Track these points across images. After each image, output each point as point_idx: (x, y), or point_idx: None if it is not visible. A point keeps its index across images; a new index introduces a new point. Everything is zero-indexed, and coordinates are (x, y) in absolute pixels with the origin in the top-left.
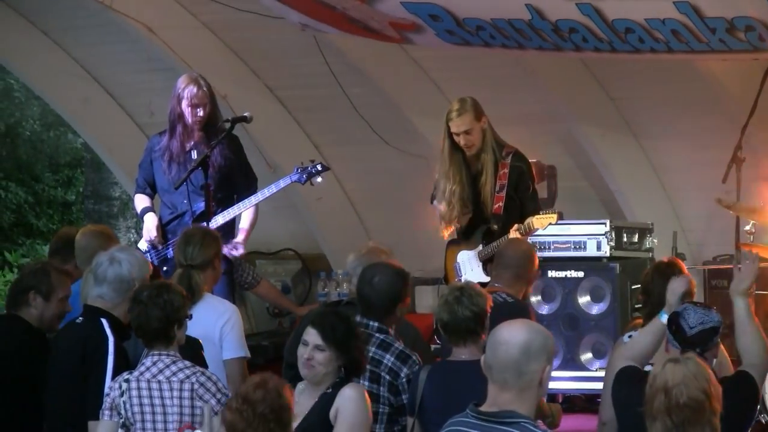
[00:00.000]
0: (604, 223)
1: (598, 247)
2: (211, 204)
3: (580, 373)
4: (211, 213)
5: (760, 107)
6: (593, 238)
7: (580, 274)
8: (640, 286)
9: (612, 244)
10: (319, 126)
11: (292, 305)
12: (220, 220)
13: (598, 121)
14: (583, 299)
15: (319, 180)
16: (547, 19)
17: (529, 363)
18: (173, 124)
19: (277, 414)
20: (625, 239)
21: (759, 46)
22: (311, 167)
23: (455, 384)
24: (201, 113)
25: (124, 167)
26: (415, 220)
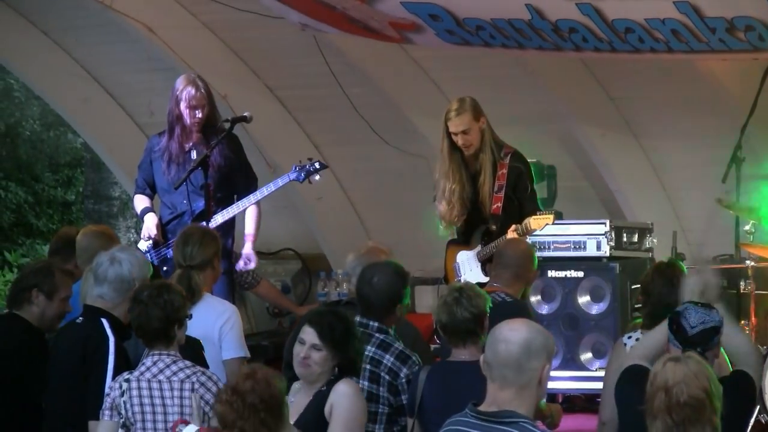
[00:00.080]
0: (603, 223)
1: (598, 247)
2: (210, 204)
3: (579, 373)
4: (210, 213)
5: (760, 107)
6: (593, 237)
7: (580, 274)
8: (639, 286)
9: (612, 243)
10: (319, 126)
11: (292, 305)
12: (219, 219)
13: (598, 121)
14: (583, 299)
15: (317, 178)
16: (547, 18)
17: (529, 360)
18: (172, 126)
19: (268, 404)
20: (624, 239)
21: (759, 45)
22: (309, 165)
23: (455, 384)
24: (199, 115)
25: (124, 167)
26: (415, 220)
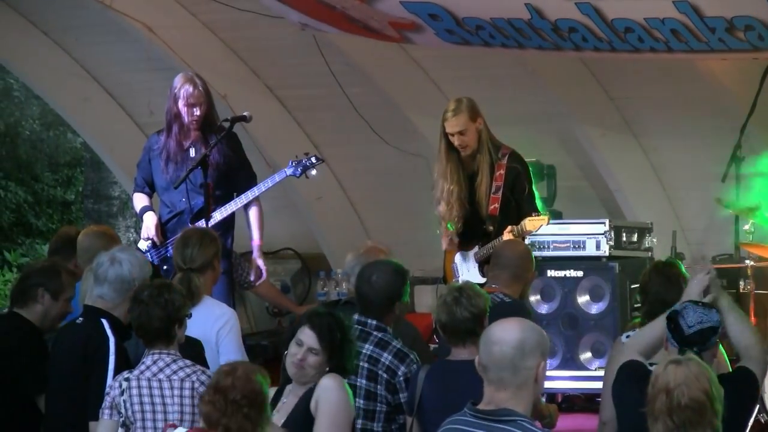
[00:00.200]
0: (603, 223)
1: (598, 247)
2: (210, 202)
3: (579, 373)
4: (210, 211)
5: (760, 106)
6: (592, 237)
7: (580, 274)
8: (638, 285)
9: (611, 243)
10: (319, 125)
11: (291, 305)
12: (217, 216)
13: (597, 120)
14: (583, 299)
15: (314, 173)
16: (546, 18)
17: (524, 360)
18: (170, 124)
19: (250, 399)
20: (624, 239)
21: (758, 45)
22: (306, 160)
23: (454, 384)
24: (197, 112)
25: (124, 167)
26: (415, 220)
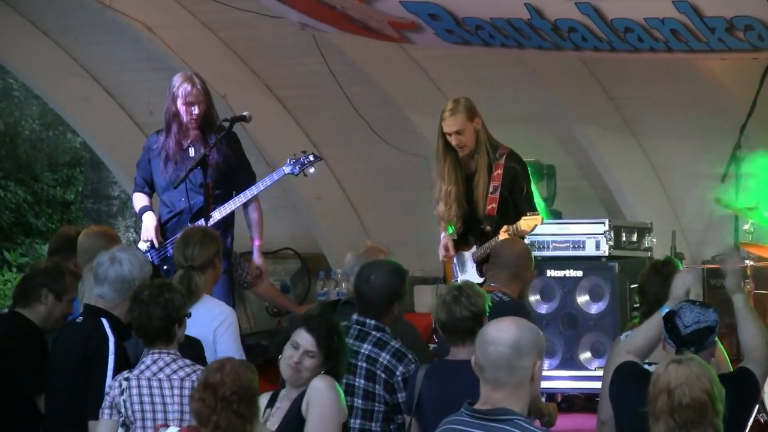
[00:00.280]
0: (603, 223)
1: (597, 247)
2: (209, 202)
3: (579, 373)
4: (209, 211)
5: (759, 106)
6: (592, 237)
7: (579, 274)
8: (637, 285)
9: (611, 243)
10: (319, 125)
11: (291, 304)
12: (217, 215)
13: (597, 120)
14: (582, 298)
15: (312, 171)
16: (546, 18)
17: (520, 359)
18: (169, 124)
19: (239, 395)
20: (624, 238)
21: (758, 45)
22: (304, 158)
23: (453, 383)
24: (196, 111)
25: (124, 166)
26: (415, 220)
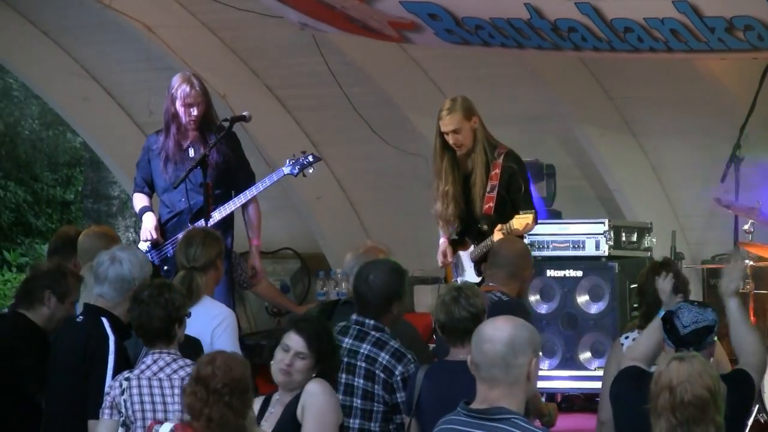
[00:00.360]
0: (602, 223)
1: (597, 247)
2: (209, 202)
3: (578, 373)
4: (209, 211)
5: (759, 106)
6: (592, 237)
7: (579, 274)
8: (636, 286)
9: (611, 243)
10: (318, 125)
11: (291, 304)
12: (216, 216)
13: (597, 120)
14: (582, 298)
15: (311, 171)
16: (546, 18)
17: (516, 357)
18: (168, 124)
19: (231, 387)
20: (623, 238)
21: (758, 45)
22: (303, 158)
23: (453, 384)
24: (195, 112)
25: (123, 166)
26: (415, 219)
